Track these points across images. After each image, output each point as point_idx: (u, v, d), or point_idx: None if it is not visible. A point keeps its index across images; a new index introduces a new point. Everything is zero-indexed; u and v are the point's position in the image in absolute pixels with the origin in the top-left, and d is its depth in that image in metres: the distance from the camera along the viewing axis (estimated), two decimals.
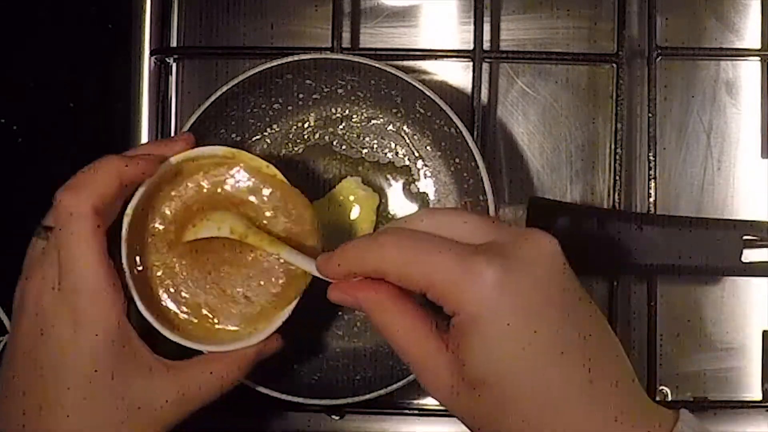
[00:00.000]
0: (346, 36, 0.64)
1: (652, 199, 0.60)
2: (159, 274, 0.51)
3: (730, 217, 0.62)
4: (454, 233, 0.41)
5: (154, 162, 0.49)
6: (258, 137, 0.59)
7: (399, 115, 0.59)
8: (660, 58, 0.61)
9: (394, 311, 0.42)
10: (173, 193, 0.51)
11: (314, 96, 0.59)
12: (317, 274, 0.45)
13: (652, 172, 0.60)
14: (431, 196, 0.59)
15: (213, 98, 0.56)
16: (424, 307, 0.42)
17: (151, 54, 0.64)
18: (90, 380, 0.46)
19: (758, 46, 0.63)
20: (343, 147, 0.60)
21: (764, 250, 0.56)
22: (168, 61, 0.64)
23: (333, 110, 0.60)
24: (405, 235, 0.41)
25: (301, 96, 0.59)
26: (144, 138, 0.63)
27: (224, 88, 0.56)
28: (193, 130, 0.55)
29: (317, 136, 0.60)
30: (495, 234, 0.41)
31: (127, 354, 0.47)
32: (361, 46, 0.65)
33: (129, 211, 0.48)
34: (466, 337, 0.39)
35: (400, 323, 0.42)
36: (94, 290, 0.46)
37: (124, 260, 0.48)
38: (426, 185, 0.59)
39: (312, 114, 0.60)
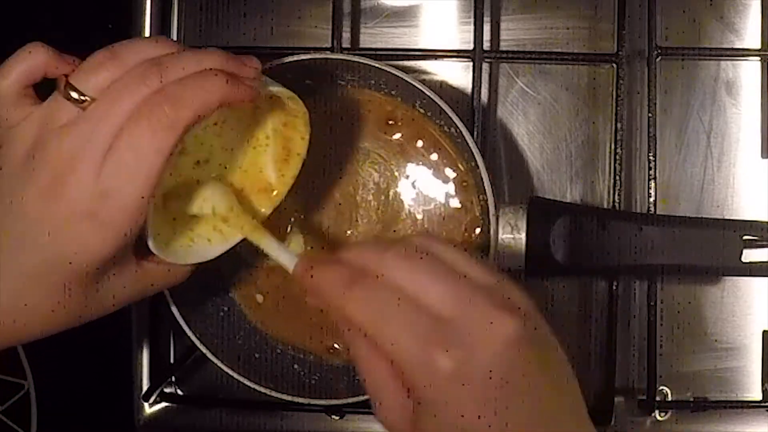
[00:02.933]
0: (346, 36, 0.64)
1: (652, 199, 0.60)
2: None
3: (730, 217, 0.62)
4: (421, 292, 0.40)
5: (255, 91, 0.45)
6: None
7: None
8: (660, 58, 0.61)
9: (365, 346, 0.42)
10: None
11: (314, 96, 0.59)
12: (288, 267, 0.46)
13: (652, 172, 0.60)
14: (430, 195, 0.59)
15: None
16: None
17: None
18: (66, 274, 0.44)
19: (758, 46, 0.63)
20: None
21: (764, 250, 0.56)
22: None
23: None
24: (374, 297, 0.40)
25: (300, 96, 0.59)
26: None
27: None
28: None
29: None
30: (459, 307, 0.40)
31: (118, 257, 0.45)
32: (361, 46, 0.65)
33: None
34: (420, 413, 0.40)
35: (370, 361, 0.42)
36: (136, 207, 0.43)
37: None
38: (425, 185, 0.59)
39: (312, 114, 0.60)
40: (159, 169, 0.42)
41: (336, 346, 0.60)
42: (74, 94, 0.43)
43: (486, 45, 0.62)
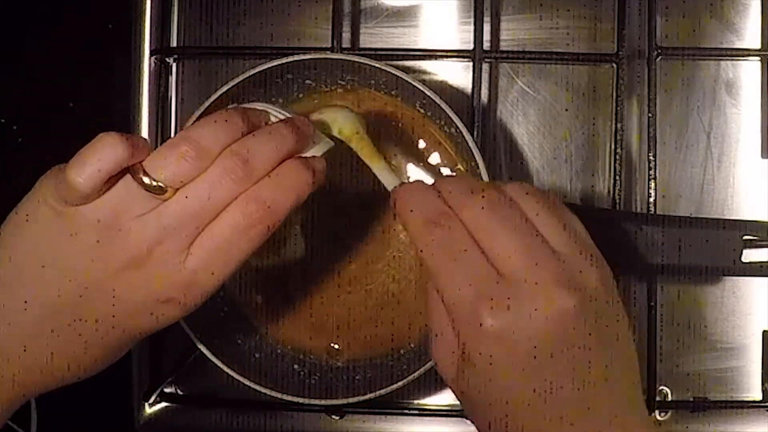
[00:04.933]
0: (346, 36, 0.64)
1: (652, 199, 0.60)
2: None
3: (730, 217, 0.62)
4: (495, 243, 0.40)
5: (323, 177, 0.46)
6: None
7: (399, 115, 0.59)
8: (660, 58, 0.61)
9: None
10: None
11: (314, 96, 0.59)
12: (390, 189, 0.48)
13: (652, 172, 0.60)
14: None
15: (213, 98, 0.55)
16: None
17: (151, 54, 0.64)
18: (129, 337, 0.46)
19: (758, 46, 0.63)
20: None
21: (764, 250, 0.56)
22: (168, 61, 0.64)
23: None
24: (448, 239, 0.41)
25: (300, 96, 0.59)
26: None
27: (224, 88, 0.55)
28: None
29: None
30: (526, 269, 0.40)
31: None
32: (361, 46, 0.65)
33: None
34: (463, 364, 0.41)
35: (436, 299, 0.42)
36: (214, 292, 0.45)
37: None
38: None
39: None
40: (245, 260, 0.44)
41: (336, 346, 0.60)
42: (150, 182, 0.42)
43: (486, 45, 0.62)
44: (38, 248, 0.44)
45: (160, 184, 0.42)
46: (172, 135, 0.64)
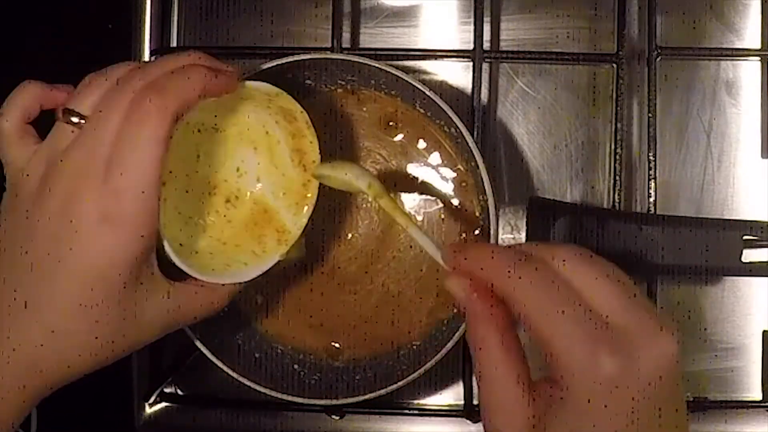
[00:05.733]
0: (346, 36, 0.64)
1: (652, 199, 0.60)
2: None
3: (730, 217, 0.62)
4: (589, 292, 0.40)
5: (236, 80, 0.48)
6: None
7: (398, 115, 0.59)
8: (660, 58, 0.61)
9: (496, 341, 0.41)
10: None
11: (314, 96, 0.59)
12: (438, 259, 0.45)
13: (652, 172, 0.60)
14: (430, 196, 0.59)
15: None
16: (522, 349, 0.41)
17: (151, 54, 0.64)
18: (95, 286, 0.45)
19: (758, 46, 0.63)
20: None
21: (764, 250, 0.56)
22: None
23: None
24: (546, 282, 0.40)
25: (301, 96, 0.59)
26: None
27: None
28: None
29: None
30: (627, 315, 0.39)
31: (144, 268, 0.46)
32: (361, 46, 0.65)
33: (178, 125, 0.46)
34: (560, 410, 0.39)
35: (497, 357, 0.41)
36: (146, 201, 0.44)
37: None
38: (425, 185, 0.59)
39: (312, 115, 0.60)
40: (158, 158, 0.44)
41: (336, 345, 0.60)
42: (74, 118, 0.45)
43: (486, 45, 0.62)
44: (15, 231, 0.46)
45: (80, 117, 0.45)
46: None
